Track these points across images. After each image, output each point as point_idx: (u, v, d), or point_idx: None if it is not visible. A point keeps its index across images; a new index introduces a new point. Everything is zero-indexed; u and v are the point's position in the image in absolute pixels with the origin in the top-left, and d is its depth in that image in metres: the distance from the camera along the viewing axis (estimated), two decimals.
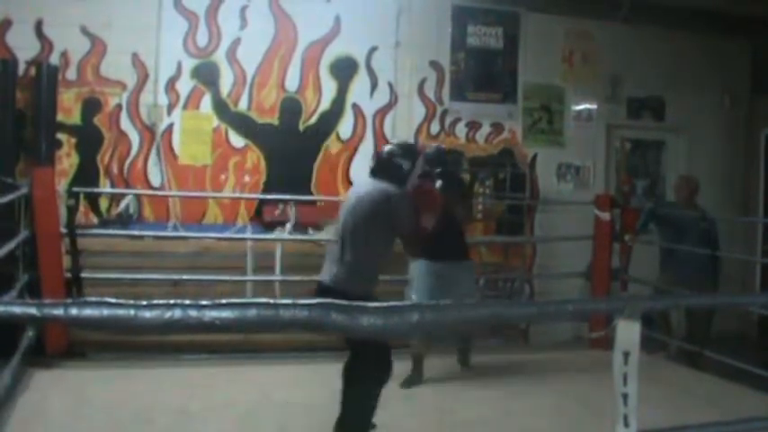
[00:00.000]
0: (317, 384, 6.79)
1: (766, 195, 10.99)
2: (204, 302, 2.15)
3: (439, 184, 6.61)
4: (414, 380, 6.93)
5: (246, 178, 9.01)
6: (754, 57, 11.28)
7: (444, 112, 9.76)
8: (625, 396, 2.89)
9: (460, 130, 9.84)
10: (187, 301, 2.13)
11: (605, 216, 8.63)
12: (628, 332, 2.87)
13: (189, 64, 8.81)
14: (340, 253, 5.27)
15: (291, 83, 9.15)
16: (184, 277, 7.71)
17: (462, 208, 7.11)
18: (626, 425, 2.90)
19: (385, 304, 2.37)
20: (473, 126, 9.89)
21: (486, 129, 9.95)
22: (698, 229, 8.21)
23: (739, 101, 11.25)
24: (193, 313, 2.13)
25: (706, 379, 7.50)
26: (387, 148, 5.49)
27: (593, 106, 10.47)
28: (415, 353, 6.96)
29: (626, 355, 2.87)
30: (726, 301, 5.52)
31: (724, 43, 10.92)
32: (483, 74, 9.93)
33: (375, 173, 5.39)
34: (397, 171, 5.30)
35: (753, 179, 11.24)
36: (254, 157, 9.02)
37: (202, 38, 8.84)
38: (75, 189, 7.88)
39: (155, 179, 8.72)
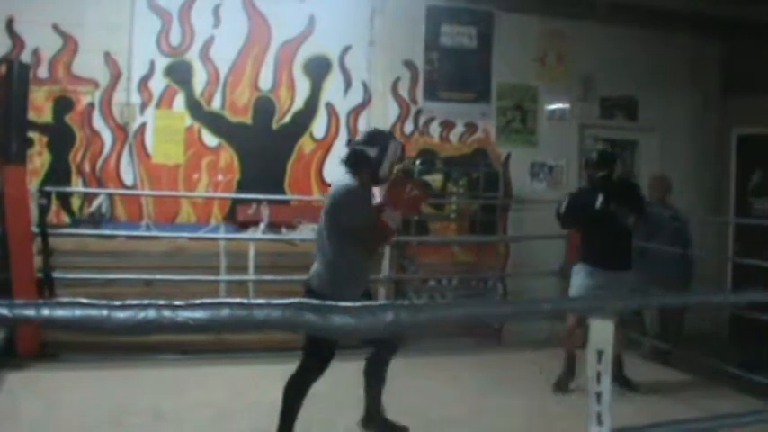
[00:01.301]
0: None
1: (737, 195, 11.07)
2: (178, 303, 2.14)
3: (600, 200, 6.64)
4: (565, 380, 6.96)
5: (220, 177, 8.98)
6: (727, 57, 11.36)
7: (418, 112, 9.76)
8: (598, 394, 2.90)
9: (434, 129, 9.85)
10: (160, 302, 2.12)
11: None
12: (601, 331, 2.89)
13: (162, 63, 8.76)
14: (315, 253, 5.25)
15: (265, 82, 9.12)
16: (158, 277, 7.68)
17: (634, 221, 6.92)
18: (599, 422, 2.91)
19: (358, 304, 2.37)
20: (447, 125, 9.90)
21: (459, 128, 9.96)
22: (670, 229, 8.28)
23: (711, 101, 11.32)
24: (167, 313, 2.11)
25: (678, 377, 7.55)
26: (354, 137, 5.41)
27: (567, 106, 10.50)
28: (568, 351, 6.99)
29: (600, 353, 2.88)
30: (698, 300, 5.57)
31: (697, 44, 10.99)
32: (457, 73, 9.93)
33: (345, 165, 5.26)
34: (364, 160, 5.13)
35: (724, 179, 11.32)
36: (228, 157, 8.99)
37: (175, 36, 8.79)
38: (47, 188, 7.85)
39: (127, 178, 8.66)
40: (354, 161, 5.17)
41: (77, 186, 8.51)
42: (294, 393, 5.25)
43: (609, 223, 6.67)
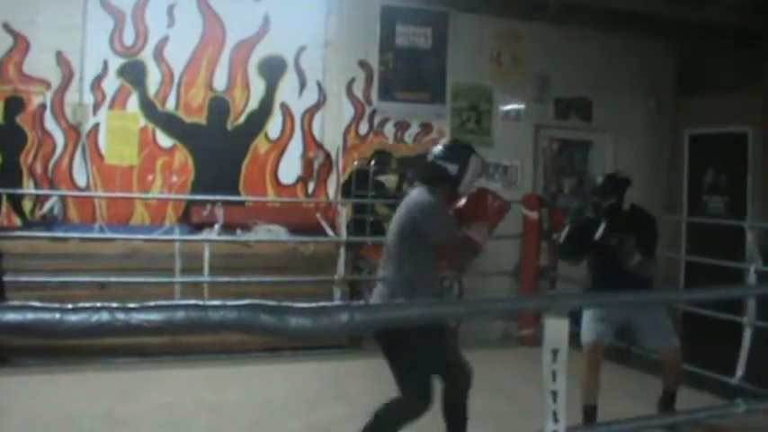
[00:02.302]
0: (248, 385, 6.78)
1: (690, 194, 11.21)
2: (131, 305, 2.12)
3: (601, 230, 5.88)
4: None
5: (174, 178, 8.92)
6: (680, 59, 11.50)
7: (373, 112, 9.76)
8: (554, 393, 2.91)
9: (389, 130, 9.85)
10: (114, 304, 2.10)
11: (533, 215, 8.74)
12: (556, 330, 2.90)
13: (115, 63, 8.68)
14: (382, 265, 5.00)
15: (219, 82, 9.08)
16: (112, 280, 7.62)
17: (639, 262, 5.89)
18: (555, 421, 2.93)
19: (314, 305, 2.36)
20: (401, 126, 9.91)
21: (414, 129, 9.98)
22: None
23: (665, 102, 11.45)
24: (120, 316, 2.09)
25: (633, 374, 7.63)
26: (434, 149, 5.00)
27: (521, 106, 10.56)
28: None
29: (555, 352, 2.90)
30: (651, 298, 5.61)
31: (650, 45, 11.10)
32: (412, 74, 9.94)
33: (421, 179, 4.94)
34: (444, 176, 4.81)
35: (677, 178, 11.46)
36: (182, 158, 8.93)
37: (129, 36, 8.72)
38: None
39: (80, 180, 8.57)
40: (432, 176, 4.87)
41: (29, 188, 8.41)
42: (384, 425, 4.85)
43: (611, 257, 5.90)
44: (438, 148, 4.97)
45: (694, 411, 3.91)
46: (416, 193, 4.88)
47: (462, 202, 4.89)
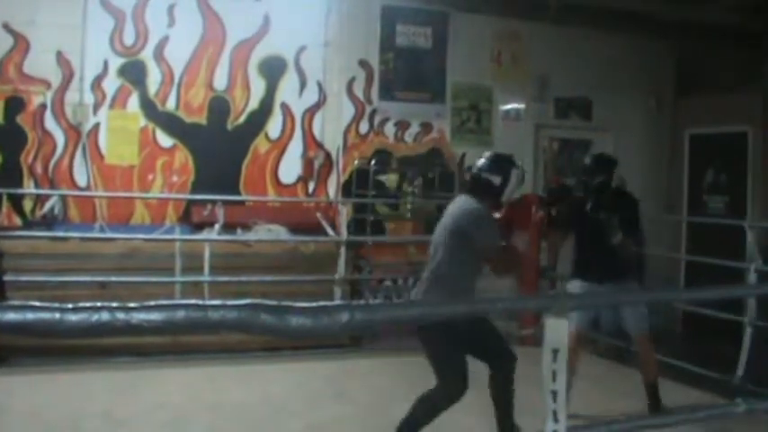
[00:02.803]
0: (248, 385, 6.78)
1: (690, 194, 11.21)
2: (132, 305, 2.12)
3: (590, 205, 6.15)
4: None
5: (174, 178, 8.92)
6: (680, 58, 11.51)
7: (373, 112, 9.76)
8: (554, 393, 2.92)
9: (389, 129, 9.86)
10: (114, 304, 2.10)
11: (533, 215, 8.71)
12: (556, 329, 2.90)
13: (115, 62, 8.68)
14: (427, 268, 5.23)
15: (220, 82, 9.08)
16: (112, 279, 7.62)
17: (626, 237, 6.12)
18: (555, 420, 2.93)
19: (314, 304, 2.36)
20: (402, 125, 9.91)
21: (414, 128, 9.98)
22: None
23: (665, 101, 11.45)
24: (121, 316, 2.09)
25: (633, 373, 7.62)
26: (478, 162, 5.31)
27: (522, 106, 10.56)
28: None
29: (555, 352, 2.90)
30: (651, 298, 5.62)
31: (651, 45, 11.10)
32: (412, 73, 9.95)
33: (467, 190, 5.29)
34: (488, 187, 5.13)
35: (677, 178, 11.46)
36: (183, 157, 8.93)
37: (129, 36, 8.72)
38: None
39: (81, 179, 8.58)
40: (477, 187, 5.18)
41: (29, 188, 8.41)
42: (423, 411, 5.12)
43: (597, 231, 6.11)
44: (482, 161, 5.28)
45: (694, 411, 3.91)
46: (463, 201, 5.17)
47: (506, 210, 5.22)
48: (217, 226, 8.55)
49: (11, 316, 2.01)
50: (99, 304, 2.09)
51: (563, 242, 6.90)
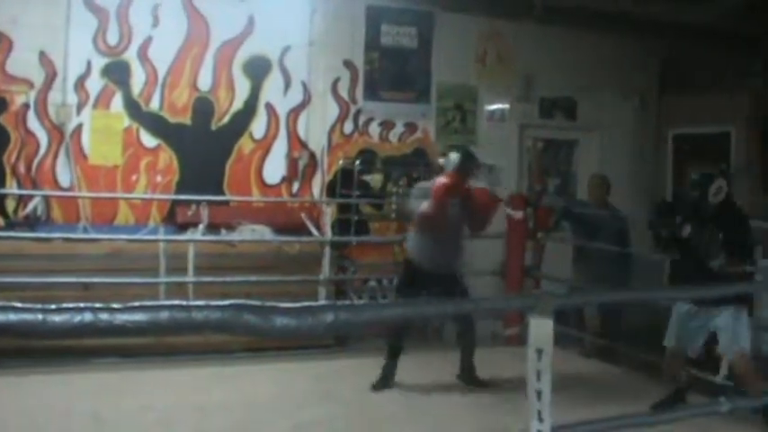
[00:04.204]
0: (234, 386, 6.76)
1: (674, 193, 11.25)
2: (115, 305, 2.12)
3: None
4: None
5: (159, 179, 8.89)
6: (665, 58, 11.56)
7: (358, 112, 9.76)
8: (539, 392, 2.92)
9: (374, 129, 9.85)
10: (97, 305, 2.09)
11: (518, 214, 8.74)
12: (541, 329, 2.91)
13: (99, 62, 8.64)
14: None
15: (204, 82, 9.05)
16: (96, 280, 7.58)
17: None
18: (540, 420, 2.93)
19: (298, 305, 2.36)
20: (386, 125, 9.91)
21: (399, 128, 9.98)
22: (610, 227, 8.38)
23: (649, 101, 11.50)
24: (104, 317, 2.09)
25: (618, 373, 7.65)
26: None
27: (506, 106, 10.58)
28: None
29: (539, 351, 2.91)
30: (635, 297, 5.63)
31: (635, 45, 11.13)
32: (397, 73, 9.95)
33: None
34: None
35: (661, 178, 11.51)
36: (167, 158, 8.90)
37: (113, 36, 8.68)
38: None
39: (64, 180, 8.53)
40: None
41: (12, 188, 8.36)
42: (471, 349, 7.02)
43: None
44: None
45: (678, 410, 3.92)
46: None
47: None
48: (201, 226, 8.54)
49: None
50: (82, 305, 2.08)
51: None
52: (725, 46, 10.79)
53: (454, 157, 6.69)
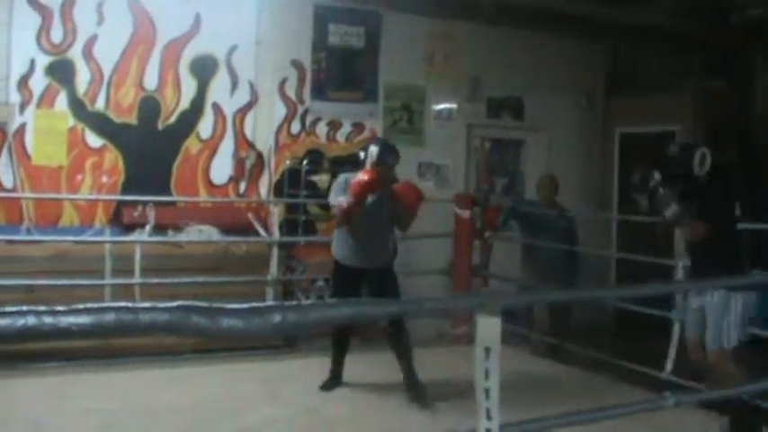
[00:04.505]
0: (180, 388, 6.71)
1: (620, 192, 11.37)
2: (59, 308, 2.09)
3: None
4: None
5: (104, 179, 8.79)
6: (611, 58, 11.70)
7: (305, 112, 9.73)
8: (487, 390, 2.93)
9: (321, 129, 9.84)
10: (41, 308, 2.06)
11: (465, 214, 8.78)
12: (488, 328, 2.92)
13: (43, 61, 8.51)
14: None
15: (150, 81, 8.97)
16: (40, 283, 7.47)
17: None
18: (488, 418, 2.95)
19: (245, 306, 2.34)
20: (334, 125, 9.90)
21: (346, 128, 9.97)
22: (557, 226, 8.45)
23: (596, 101, 11.63)
24: (48, 320, 2.05)
25: (566, 371, 7.71)
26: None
27: (454, 106, 10.63)
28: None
29: (487, 350, 2.92)
30: (583, 296, 5.69)
31: (583, 45, 11.26)
32: (344, 73, 9.94)
33: None
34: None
35: (608, 176, 11.64)
36: (112, 158, 8.80)
37: (57, 34, 8.56)
38: None
39: (6, 180, 8.40)
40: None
41: None
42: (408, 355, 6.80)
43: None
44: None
45: (624, 405, 3.97)
46: None
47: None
48: (148, 227, 8.45)
49: None
50: (25, 308, 2.05)
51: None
52: (670, 47, 10.94)
53: (373, 150, 6.50)
